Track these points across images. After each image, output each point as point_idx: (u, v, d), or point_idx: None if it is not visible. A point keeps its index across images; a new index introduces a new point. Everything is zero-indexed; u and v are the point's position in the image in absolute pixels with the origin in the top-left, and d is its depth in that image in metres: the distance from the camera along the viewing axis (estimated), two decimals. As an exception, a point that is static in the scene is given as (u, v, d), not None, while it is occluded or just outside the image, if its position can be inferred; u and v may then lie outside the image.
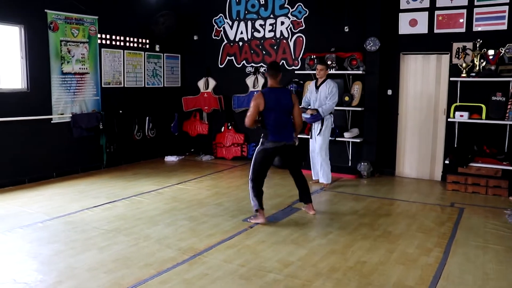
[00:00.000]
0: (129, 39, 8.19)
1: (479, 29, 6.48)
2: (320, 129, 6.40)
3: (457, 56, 6.59)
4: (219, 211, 5.35)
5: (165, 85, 9.02)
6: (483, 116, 6.32)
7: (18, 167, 6.57)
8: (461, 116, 6.41)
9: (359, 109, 7.28)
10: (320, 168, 6.57)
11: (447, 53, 6.75)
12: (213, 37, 8.87)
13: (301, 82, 7.87)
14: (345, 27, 7.47)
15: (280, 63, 8.17)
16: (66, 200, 5.80)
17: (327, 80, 6.38)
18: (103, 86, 7.76)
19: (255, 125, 4.84)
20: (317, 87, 6.41)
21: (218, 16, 8.76)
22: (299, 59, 7.99)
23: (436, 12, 6.76)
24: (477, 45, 6.37)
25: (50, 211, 5.30)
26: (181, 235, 4.54)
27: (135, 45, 8.32)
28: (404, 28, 7.02)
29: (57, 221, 4.96)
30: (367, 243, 4.30)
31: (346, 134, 7.38)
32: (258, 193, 4.88)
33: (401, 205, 5.68)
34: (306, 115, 6.29)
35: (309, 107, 6.50)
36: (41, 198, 5.90)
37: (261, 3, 8.26)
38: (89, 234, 4.54)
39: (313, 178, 6.70)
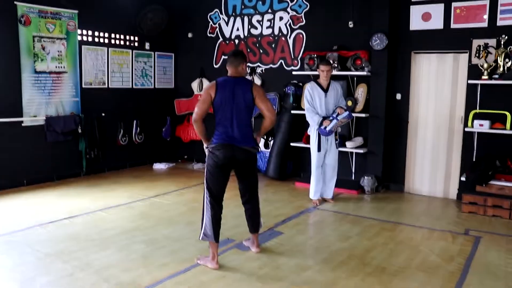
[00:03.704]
0: (115, 35, 7.53)
1: (504, 23, 5.53)
2: (336, 140, 5.70)
3: (477, 55, 5.66)
4: (186, 232, 4.57)
5: (156, 87, 8.32)
6: (508, 125, 5.39)
7: (-19, 175, 5.98)
8: (481, 125, 5.48)
9: (364, 115, 6.40)
10: (328, 184, 5.83)
11: (466, 52, 5.83)
12: (208, 35, 8.14)
13: (300, 84, 7.04)
14: (349, 22, 6.60)
15: (279, 63, 7.38)
16: (20, 214, 5.14)
17: (332, 83, 5.65)
18: (83, 86, 7.11)
19: (202, 128, 3.83)
20: (325, 91, 5.60)
21: (213, 12, 8.03)
22: (298, 58, 7.17)
23: (453, 4, 5.84)
24: (502, 42, 5.43)
25: (-5, 227, 4.66)
26: (128, 263, 3.79)
27: (122, 42, 7.66)
28: (416, 23, 6.11)
29: (-4, 240, 4.30)
30: (351, 285, 3.44)
31: (348, 144, 6.49)
32: (214, 216, 3.76)
33: (405, 230, 4.77)
34: (332, 125, 5.43)
35: (322, 114, 5.58)
36: (-6, 210, 5.28)
37: (259, -4, 7.49)
38: (24, 259, 3.85)
39: (313, 197, 5.76)
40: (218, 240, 3.77)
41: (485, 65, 5.50)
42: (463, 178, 5.63)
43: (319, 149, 5.62)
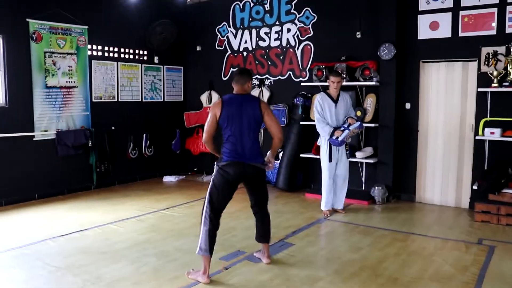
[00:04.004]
0: (124, 50, 7.62)
1: (513, 30, 5.52)
2: (347, 150, 5.67)
3: (486, 63, 5.62)
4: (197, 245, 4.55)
5: (165, 100, 8.39)
6: (519, 133, 5.32)
7: (-5, 189, 6.04)
8: (492, 133, 5.42)
9: (373, 125, 6.37)
10: (339, 194, 5.80)
11: (475, 60, 5.79)
12: (217, 47, 8.20)
13: (309, 95, 7.05)
14: (357, 33, 6.62)
15: (287, 75, 7.41)
16: (31, 228, 5.17)
17: (341, 93, 5.64)
18: (93, 100, 7.19)
19: (214, 147, 3.90)
20: (335, 101, 5.60)
21: (221, 25, 8.10)
22: (307, 69, 7.19)
23: (461, 13, 5.82)
24: (511, 50, 5.38)
25: (8, 241, 4.67)
26: (140, 276, 3.78)
27: (131, 56, 7.74)
28: (424, 32, 6.10)
29: (9, 254, 4.31)
30: (364, 295, 3.40)
31: (358, 154, 6.47)
32: (211, 230, 3.71)
33: (417, 241, 4.71)
34: (343, 135, 5.39)
35: (331, 125, 5.55)
36: (7, 225, 5.29)
37: (266, 9, 7.53)
38: (35, 272, 3.86)
39: (324, 208, 5.72)
40: (211, 255, 3.72)
41: (495, 73, 5.47)
42: (475, 187, 5.56)
43: (330, 159, 5.60)
